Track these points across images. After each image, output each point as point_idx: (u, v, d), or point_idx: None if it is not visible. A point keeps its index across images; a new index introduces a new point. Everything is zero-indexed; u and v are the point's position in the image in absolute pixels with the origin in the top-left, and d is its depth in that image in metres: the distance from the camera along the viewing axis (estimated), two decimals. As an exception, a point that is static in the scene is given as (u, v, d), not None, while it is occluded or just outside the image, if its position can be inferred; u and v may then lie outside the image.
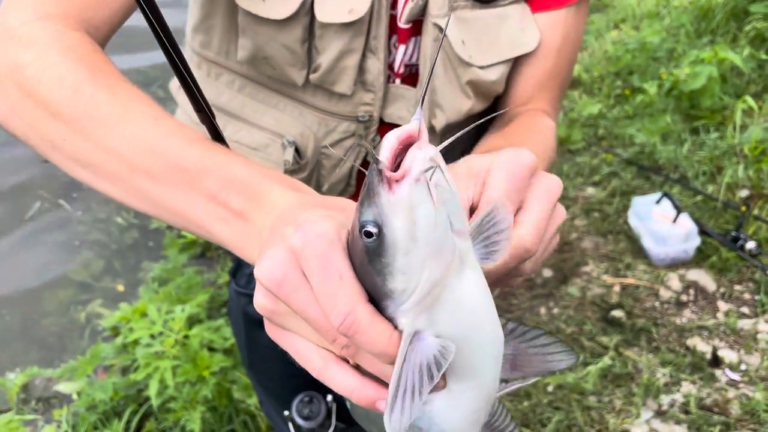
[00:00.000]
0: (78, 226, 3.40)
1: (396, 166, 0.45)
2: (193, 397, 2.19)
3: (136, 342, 2.33)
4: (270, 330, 0.54)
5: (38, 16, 0.75)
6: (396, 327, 0.48)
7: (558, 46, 0.99)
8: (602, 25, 4.99)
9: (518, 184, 0.60)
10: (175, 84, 1.13)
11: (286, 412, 1.29)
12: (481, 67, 0.96)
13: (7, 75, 0.72)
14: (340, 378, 0.51)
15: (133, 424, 2.28)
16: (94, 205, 3.53)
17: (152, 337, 2.26)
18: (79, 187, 3.67)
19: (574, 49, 1.04)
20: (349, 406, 0.69)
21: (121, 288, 3.04)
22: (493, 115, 0.72)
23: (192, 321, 2.43)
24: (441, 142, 1.04)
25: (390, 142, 0.45)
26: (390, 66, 1.00)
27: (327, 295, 0.47)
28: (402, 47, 0.98)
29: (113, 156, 0.66)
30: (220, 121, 1.02)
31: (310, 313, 0.48)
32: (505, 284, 0.64)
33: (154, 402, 2.15)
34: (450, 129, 1.02)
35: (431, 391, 0.49)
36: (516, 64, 1.00)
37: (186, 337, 2.28)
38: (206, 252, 3.10)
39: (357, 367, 0.52)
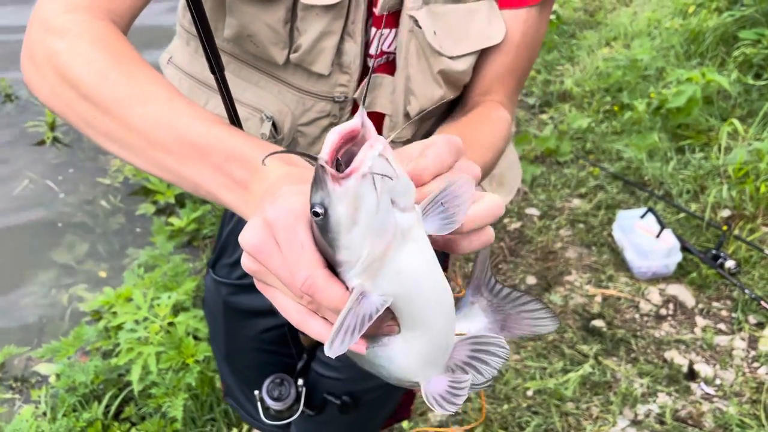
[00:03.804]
0: (63, 208, 3.35)
1: (349, 157, 0.51)
2: (176, 384, 2.18)
3: (119, 327, 2.31)
4: (258, 285, 0.63)
5: (69, 9, 0.82)
6: (348, 288, 0.56)
7: (517, 43, 1.06)
8: (594, 41, 5.06)
9: (446, 157, 0.65)
10: (164, 58, 1.18)
11: (257, 392, 1.30)
12: (451, 58, 1.02)
13: (46, 61, 0.81)
14: (314, 326, 0.59)
15: (113, 408, 2.26)
16: (81, 187, 3.49)
17: (136, 322, 2.24)
18: (65, 169, 3.63)
19: (533, 47, 1.10)
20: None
21: (103, 274, 3.01)
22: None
23: (177, 309, 2.42)
24: (417, 127, 1.09)
25: (332, 138, 0.51)
26: (367, 48, 1.05)
27: (292, 261, 0.55)
28: (379, 32, 1.04)
29: (134, 132, 0.74)
30: (205, 95, 1.10)
31: (282, 275, 0.57)
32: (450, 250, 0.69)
33: (136, 387, 2.13)
34: (423, 114, 1.09)
35: (388, 335, 0.61)
36: (479, 57, 1.07)
37: (171, 324, 2.27)
38: (193, 241, 3.08)
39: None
